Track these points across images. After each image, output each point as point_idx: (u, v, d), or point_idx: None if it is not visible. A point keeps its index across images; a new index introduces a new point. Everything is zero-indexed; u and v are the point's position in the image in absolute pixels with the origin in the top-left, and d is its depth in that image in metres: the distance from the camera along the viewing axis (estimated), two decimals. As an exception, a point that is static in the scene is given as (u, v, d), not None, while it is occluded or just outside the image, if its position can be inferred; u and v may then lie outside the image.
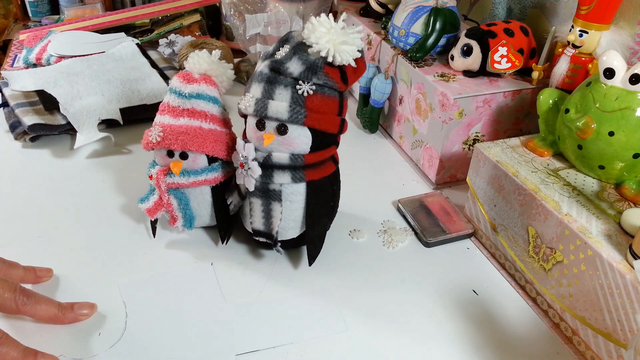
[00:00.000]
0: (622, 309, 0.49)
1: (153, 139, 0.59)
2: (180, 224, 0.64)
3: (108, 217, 0.69)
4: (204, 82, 0.61)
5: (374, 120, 0.90)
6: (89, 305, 0.55)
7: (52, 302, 0.54)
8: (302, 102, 0.54)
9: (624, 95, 0.55)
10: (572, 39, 0.67)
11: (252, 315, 0.57)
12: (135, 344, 0.53)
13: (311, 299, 0.60)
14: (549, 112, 0.66)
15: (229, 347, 0.53)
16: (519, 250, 0.62)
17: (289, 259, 0.65)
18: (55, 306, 0.53)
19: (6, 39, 1.19)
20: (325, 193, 0.61)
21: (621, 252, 0.50)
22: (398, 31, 0.83)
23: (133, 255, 0.64)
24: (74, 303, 0.55)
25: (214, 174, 0.62)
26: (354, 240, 0.69)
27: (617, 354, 0.51)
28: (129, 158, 0.81)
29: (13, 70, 0.95)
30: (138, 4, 1.31)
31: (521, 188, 0.60)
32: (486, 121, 0.76)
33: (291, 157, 0.57)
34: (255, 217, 0.61)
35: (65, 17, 1.24)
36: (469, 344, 0.56)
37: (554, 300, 0.58)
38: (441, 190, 0.79)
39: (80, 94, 0.86)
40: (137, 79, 0.93)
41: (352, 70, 0.56)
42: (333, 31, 0.53)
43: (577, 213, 0.55)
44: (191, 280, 0.61)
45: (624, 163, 0.58)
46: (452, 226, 0.70)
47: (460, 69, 0.78)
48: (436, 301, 0.60)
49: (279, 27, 1.01)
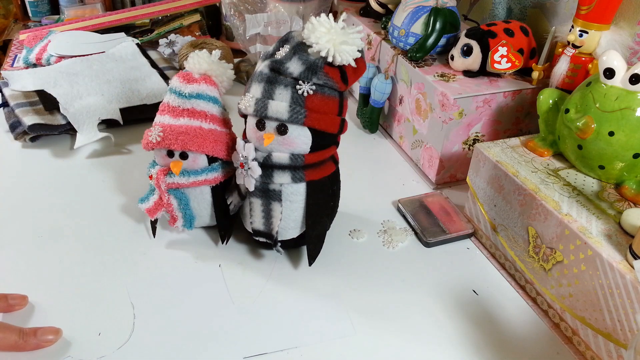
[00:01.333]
0: (622, 309, 0.49)
1: (153, 139, 0.59)
2: (180, 224, 0.64)
3: (108, 217, 0.69)
4: (204, 82, 0.61)
5: (374, 120, 0.90)
6: (53, 331, 0.52)
7: (11, 329, 0.50)
8: (302, 102, 0.54)
9: (624, 95, 0.55)
10: (572, 39, 0.67)
11: (257, 317, 0.57)
12: (143, 345, 0.53)
13: (311, 299, 0.60)
14: (549, 112, 0.66)
15: (237, 349, 0.53)
16: (519, 250, 0.62)
17: (289, 259, 0.65)
18: (16, 333, 0.50)
19: (6, 39, 1.19)
20: (325, 193, 0.61)
21: (621, 252, 0.50)
22: (398, 31, 0.83)
23: (133, 256, 0.64)
24: (37, 329, 0.51)
25: (214, 174, 0.62)
26: (354, 240, 0.69)
27: (617, 354, 0.51)
28: (129, 158, 0.81)
29: (13, 70, 0.95)
30: (138, 4, 1.31)
31: (521, 188, 0.60)
32: (486, 121, 0.76)
33: (291, 157, 0.57)
34: (255, 217, 0.61)
35: (65, 17, 1.24)
36: (469, 344, 0.56)
37: (554, 300, 0.58)
38: (441, 190, 0.79)
39: (80, 94, 0.86)
40: (137, 79, 0.93)
41: (352, 70, 0.56)
42: (333, 31, 0.53)
43: (577, 213, 0.55)
44: (195, 281, 0.61)
45: (624, 163, 0.58)
46: (452, 226, 0.70)
47: (460, 69, 0.78)
48: (436, 301, 0.60)
49: (279, 27, 1.01)
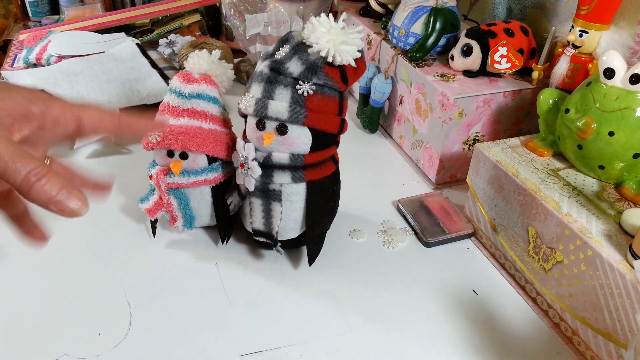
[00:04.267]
0: (622, 309, 0.49)
1: (153, 139, 0.59)
2: (180, 224, 0.64)
3: (108, 217, 0.69)
4: (204, 82, 0.61)
5: (374, 120, 0.90)
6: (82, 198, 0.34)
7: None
8: (302, 102, 0.54)
9: (624, 95, 0.55)
10: (572, 39, 0.67)
11: (255, 316, 0.57)
12: (139, 343, 0.53)
13: (312, 299, 0.60)
14: (549, 112, 0.66)
15: (233, 347, 0.53)
16: (519, 250, 0.62)
17: (289, 259, 0.65)
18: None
19: (6, 39, 1.19)
20: (325, 193, 0.61)
21: (621, 252, 0.50)
22: (398, 31, 0.83)
23: (133, 255, 0.64)
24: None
25: (214, 174, 0.62)
26: (354, 240, 0.69)
27: (617, 354, 0.51)
28: (129, 158, 0.82)
29: (13, 70, 0.95)
30: (138, 4, 1.31)
31: (521, 188, 0.60)
32: (486, 121, 0.76)
33: (291, 157, 0.57)
34: (255, 217, 0.61)
35: (65, 17, 1.24)
36: (468, 344, 0.56)
37: (554, 300, 0.58)
38: (441, 190, 0.79)
39: (80, 94, 0.86)
40: (137, 79, 0.93)
41: (352, 70, 0.56)
42: (333, 31, 0.52)
43: (577, 213, 0.55)
44: (194, 280, 0.61)
45: (624, 163, 0.57)
46: (452, 226, 0.70)
47: (460, 69, 0.78)
48: (436, 301, 0.60)
49: (279, 27, 1.01)
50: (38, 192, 0.32)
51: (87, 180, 0.41)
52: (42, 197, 0.32)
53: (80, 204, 0.33)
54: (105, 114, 0.38)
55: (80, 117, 0.36)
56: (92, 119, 0.37)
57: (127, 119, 0.39)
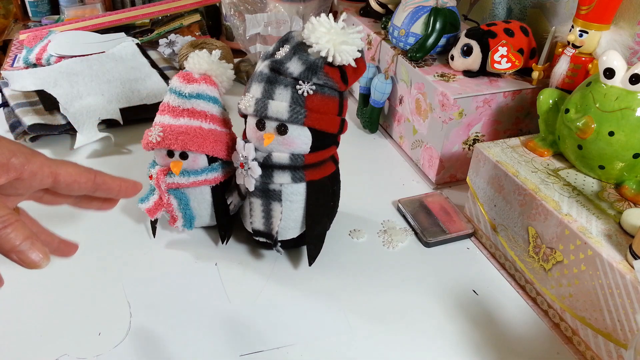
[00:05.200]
0: (622, 309, 0.49)
1: (153, 139, 0.59)
2: (180, 224, 0.64)
3: (108, 217, 0.69)
4: (204, 82, 0.61)
5: (374, 120, 0.90)
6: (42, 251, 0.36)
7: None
8: (302, 102, 0.54)
9: (624, 95, 0.55)
10: (572, 39, 0.67)
11: (254, 316, 0.57)
12: (139, 343, 0.53)
13: (312, 299, 0.60)
14: (549, 112, 0.66)
15: (233, 347, 0.53)
16: (519, 250, 0.62)
17: (289, 259, 0.65)
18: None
19: (6, 39, 1.20)
20: (325, 193, 0.61)
21: (621, 252, 0.50)
22: (398, 31, 0.83)
23: (133, 255, 0.64)
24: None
25: (214, 174, 0.62)
26: (354, 240, 0.69)
27: (617, 354, 0.51)
28: (129, 158, 0.81)
29: (13, 70, 0.95)
30: (138, 4, 1.31)
31: (521, 188, 0.60)
32: (486, 121, 0.76)
33: (291, 157, 0.57)
34: (255, 217, 0.61)
35: (65, 17, 1.24)
36: (468, 344, 0.56)
37: (554, 300, 0.58)
38: (441, 190, 0.79)
39: (80, 94, 0.86)
40: (137, 79, 0.93)
41: (352, 70, 0.56)
42: (333, 31, 0.52)
43: (577, 213, 0.55)
44: (194, 280, 0.61)
45: (624, 163, 0.57)
46: (452, 226, 0.70)
47: (460, 69, 0.78)
48: (436, 301, 0.60)
49: (279, 27, 1.01)
50: (2, 239, 0.33)
51: (52, 237, 0.43)
52: (5, 244, 0.33)
53: (41, 257, 0.34)
54: (81, 172, 0.40)
55: (57, 174, 0.38)
56: (68, 176, 0.39)
57: (102, 178, 0.41)
